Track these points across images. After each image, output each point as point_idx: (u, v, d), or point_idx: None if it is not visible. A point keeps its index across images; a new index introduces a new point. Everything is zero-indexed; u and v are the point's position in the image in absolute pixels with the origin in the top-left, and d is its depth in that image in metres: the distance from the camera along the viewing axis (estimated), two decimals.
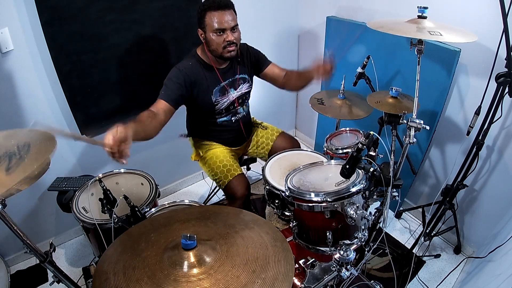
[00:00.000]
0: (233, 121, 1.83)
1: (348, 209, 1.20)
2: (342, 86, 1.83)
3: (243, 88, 1.79)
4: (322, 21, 2.37)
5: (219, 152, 1.84)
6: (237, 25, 1.57)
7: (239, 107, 1.83)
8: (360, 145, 1.12)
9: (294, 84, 1.81)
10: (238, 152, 1.98)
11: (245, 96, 1.83)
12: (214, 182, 1.85)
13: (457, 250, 2.03)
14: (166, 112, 1.51)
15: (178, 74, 1.58)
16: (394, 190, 1.27)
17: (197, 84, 1.63)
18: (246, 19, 2.40)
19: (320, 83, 2.62)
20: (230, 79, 1.73)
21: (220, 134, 1.86)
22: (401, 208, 2.31)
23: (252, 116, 2.07)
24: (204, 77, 1.65)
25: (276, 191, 1.49)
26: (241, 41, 1.87)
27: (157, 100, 1.54)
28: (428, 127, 1.21)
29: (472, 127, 1.57)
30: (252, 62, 1.82)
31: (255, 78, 1.90)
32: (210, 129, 1.84)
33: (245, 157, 2.09)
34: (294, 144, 1.95)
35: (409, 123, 1.21)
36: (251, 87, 1.85)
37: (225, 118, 1.80)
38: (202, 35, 1.59)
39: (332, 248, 1.28)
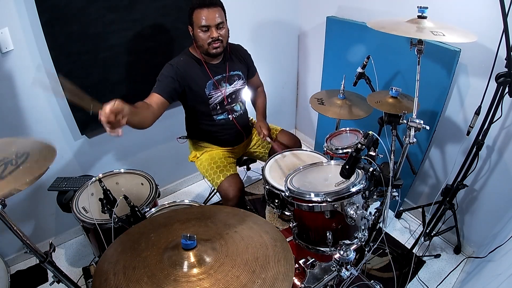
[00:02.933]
0: (230, 119, 1.83)
1: (348, 209, 1.20)
2: (342, 86, 1.83)
3: (237, 84, 1.82)
4: (322, 21, 2.37)
5: (215, 154, 1.85)
6: (223, 22, 1.60)
7: (235, 105, 1.84)
8: (359, 145, 1.12)
9: (252, 102, 2.07)
10: (237, 151, 1.98)
11: (239, 93, 1.84)
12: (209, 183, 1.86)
13: (457, 250, 2.03)
14: (159, 105, 1.55)
15: (169, 68, 1.64)
16: (394, 190, 1.27)
17: (189, 78, 1.68)
18: (246, 19, 2.42)
19: (320, 83, 2.63)
20: (223, 75, 1.76)
21: (219, 133, 1.86)
22: (401, 208, 2.31)
23: (251, 118, 2.07)
24: (195, 72, 1.70)
25: (276, 191, 1.49)
26: (239, 43, 1.88)
27: (150, 94, 1.58)
28: (428, 127, 1.21)
29: (472, 127, 1.57)
30: (246, 65, 1.88)
31: None
32: (208, 130, 1.84)
33: (245, 157, 2.09)
34: (294, 141, 1.96)
35: (409, 123, 1.21)
36: (245, 85, 1.88)
37: (222, 117, 1.81)
38: (191, 32, 1.65)
39: (332, 248, 1.28)
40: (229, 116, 1.82)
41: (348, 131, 1.77)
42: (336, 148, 1.60)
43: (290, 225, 1.41)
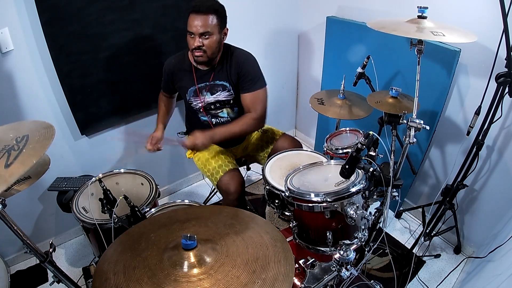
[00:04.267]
0: (214, 123, 1.80)
1: (348, 209, 1.20)
2: (342, 86, 1.83)
3: (220, 96, 1.72)
4: (322, 21, 2.37)
5: (212, 149, 1.84)
6: (208, 32, 1.52)
7: (220, 111, 1.78)
8: (359, 145, 1.12)
9: None
10: (234, 152, 1.97)
11: (224, 102, 1.75)
12: (208, 179, 1.85)
13: (457, 250, 2.03)
14: (169, 97, 1.96)
15: (164, 70, 1.81)
16: (394, 190, 1.27)
17: (175, 79, 1.77)
18: (247, 19, 2.42)
19: (320, 83, 2.63)
20: (206, 83, 1.71)
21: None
22: (401, 208, 2.31)
23: None
24: (182, 75, 1.73)
25: (276, 191, 1.49)
26: (240, 43, 1.86)
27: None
28: (428, 127, 1.21)
29: (472, 127, 1.57)
30: (237, 77, 1.69)
31: None
32: (198, 127, 1.83)
33: (244, 159, 2.08)
34: (295, 145, 1.93)
35: (409, 123, 1.21)
36: (233, 96, 1.74)
37: (205, 118, 1.80)
38: None
39: (332, 248, 1.28)
40: (212, 119, 1.80)
41: (348, 131, 1.77)
42: (336, 148, 1.60)
43: (290, 225, 1.41)
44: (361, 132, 1.70)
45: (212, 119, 1.80)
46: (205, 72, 1.70)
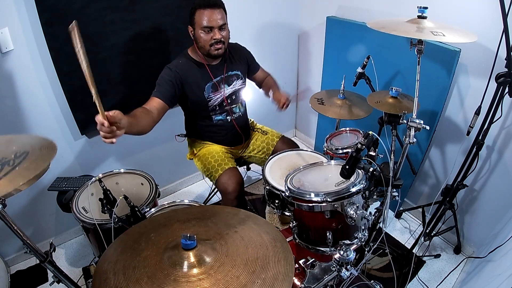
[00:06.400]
0: (229, 120, 1.82)
1: (348, 209, 1.20)
2: (342, 86, 1.83)
3: (236, 84, 1.80)
4: (322, 21, 2.37)
5: (212, 149, 1.85)
6: (225, 24, 1.60)
7: (234, 106, 1.82)
8: (359, 145, 1.12)
9: (265, 92, 1.92)
10: (235, 152, 1.97)
11: (239, 93, 1.83)
12: (207, 178, 1.84)
13: (457, 250, 2.03)
14: (159, 110, 1.55)
15: (169, 72, 1.63)
16: (394, 190, 1.27)
17: (188, 81, 1.66)
18: (247, 19, 2.42)
19: (320, 83, 2.63)
20: (222, 76, 1.75)
21: (216, 134, 1.86)
22: (401, 208, 2.31)
23: (252, 120, 2.06)
24: (195, 74, 1.68)
25: (276, 191, 1.49)
26: (239, 43, 1.88)
27: (150, 98, 1.58)
28: (428, 127, 1.21)
29: (472, 127, 1.57)
30: (246, 62, 1.86)
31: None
32: (206, 129, 1.84)
33: (243, 159, 2.08)
34: (293, 148, 1.94)
35: (409, 123, 1.21)
36: (245, 84, 1.86)
37: (220, 117, 1.80)
38: (192, 32, 1.63)
39: (332, 248, 1.28)
40: (228, 117, 1.81)
41: (348, 131, 1.77)
42: (336, 148, 1.60)
43: (290, 225, 1.41)
44: (361, 132, 1.70)
45: (227, 117, 1.81)
46: (216, 66, 1.73)
